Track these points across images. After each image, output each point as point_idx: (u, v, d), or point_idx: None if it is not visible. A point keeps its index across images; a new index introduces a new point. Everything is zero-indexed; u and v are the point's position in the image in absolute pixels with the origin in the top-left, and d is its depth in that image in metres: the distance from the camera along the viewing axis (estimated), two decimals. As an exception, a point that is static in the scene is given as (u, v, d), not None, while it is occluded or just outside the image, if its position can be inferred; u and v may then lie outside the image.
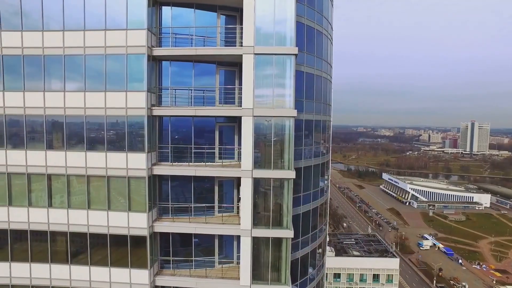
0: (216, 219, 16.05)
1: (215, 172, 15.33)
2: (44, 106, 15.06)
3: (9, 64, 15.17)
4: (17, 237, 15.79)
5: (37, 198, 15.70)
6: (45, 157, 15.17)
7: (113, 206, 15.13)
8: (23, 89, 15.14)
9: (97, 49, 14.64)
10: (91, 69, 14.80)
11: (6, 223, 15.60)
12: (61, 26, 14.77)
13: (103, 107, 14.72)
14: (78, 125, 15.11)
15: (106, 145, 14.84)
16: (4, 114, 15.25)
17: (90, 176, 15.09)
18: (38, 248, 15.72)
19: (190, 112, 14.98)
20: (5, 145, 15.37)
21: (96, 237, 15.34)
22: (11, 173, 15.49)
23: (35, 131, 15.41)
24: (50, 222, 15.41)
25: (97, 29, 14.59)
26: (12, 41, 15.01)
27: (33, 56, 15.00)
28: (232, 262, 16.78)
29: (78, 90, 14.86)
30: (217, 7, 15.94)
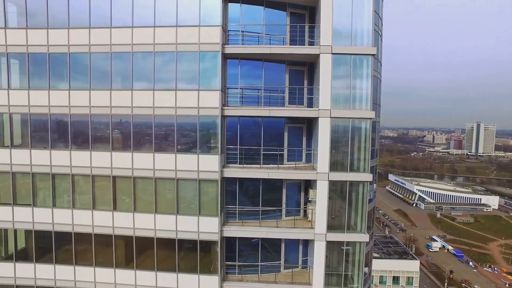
0: (285, 223, 15.91)
1: (289, 174, 15.20)
2: (111, 106, 14.81)
3: (76, 62, 14.96)
4: (79, 240, 15.54)
5: (100, 201, 15.51)
6: (110, 159, 14.99)
7: (182, 210, 14.99)
8: (89, 88, 14.81)
9: (167, 46, 14.41)
10: (161, 67, 14.63)
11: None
12: (129, 23, 14.66)
13: (173, 106, 14.49)
14: (146, 125, 14.94)
15: (176, 146, 14.72)
16: (69, 113, 14.92)
17: (158, 179, 14.93)
18: (102, 252, 15.58)
19: (264, 113, 14.82)
20: (70, 146, 15.00)
21: (163, 242, 15.15)
22: (83, 174, 15.11)
23: (101, 132, 15.21)
24: (115, 226, 15.28)
25: (167, 25, 14.46)
26: (79, 39, 14.67)
27: (99, 53, 14.80)
28: (297, 266, 16.69)
29: (147, 88, 14.73)
30: (287, 5, 15.83)
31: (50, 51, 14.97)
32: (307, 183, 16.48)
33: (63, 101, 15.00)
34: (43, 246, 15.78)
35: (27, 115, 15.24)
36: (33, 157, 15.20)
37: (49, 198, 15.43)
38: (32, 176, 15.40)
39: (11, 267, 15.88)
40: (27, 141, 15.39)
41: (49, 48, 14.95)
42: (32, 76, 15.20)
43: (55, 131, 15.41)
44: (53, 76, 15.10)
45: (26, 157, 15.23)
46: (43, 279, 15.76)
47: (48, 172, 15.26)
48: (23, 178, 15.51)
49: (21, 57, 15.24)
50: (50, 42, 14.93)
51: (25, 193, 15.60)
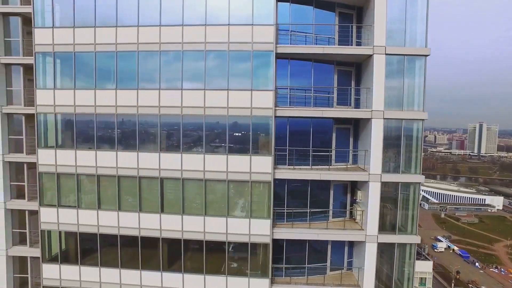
0: (332, 224, 15.97)
1: (341, 176, 15.25)
2: (159, 105, 14.81)
3: (123, 61, 14.83)
4: (126, 242, 15.45)
5: (146, 204, 15.39)
6: (158, 160, 14.91)
7: (232, 212, 15.02)
8: (136, 87, 14.69)
9: (219, 45, 14.41)
10: (212, 66, 14.61)
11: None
12: (179, 21, 14.62)
13: (225, 106, 14.49)
14: (196, 126, 14.94)
15: (228, 147, 14.73)
16: (116, 113, 14.74)
17: (208, 181, 14.94)
18: (149, 255, 15.58)
19: (317, 114, 14.84)
20: (116, 147, 14.94)
21: (212, 245, 15.11)
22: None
23: (148, 133, 15.19)
24: (162, 229, 15.11)
25: (219, 24, 14.46)
26: (126, 37, 14.51)
27: (147, 52, 14.64)
28: (342, 268, 16.76)
29: (197, 88, 14.74)
30: (335, 5, 15.85)
31: (97, 49, 15.02)
32: (353, 184, 16.67)
33: (110, 101, 14.97)
34: (86, 248, 15.86)
35: (73, 115, 15.23)
36: (83, 158, 15.22)
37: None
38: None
39: (55, 268, 15.97)
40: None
41: (96, 47, 15.02)
42: (78, 76, 15.27)
43: (105, 131, 15.31)
44: (99, 76, 15.13)
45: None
46: (88, 282, 15.83)
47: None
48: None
49: (67, 56, 15.36)
50: (97, 41, 14.96)
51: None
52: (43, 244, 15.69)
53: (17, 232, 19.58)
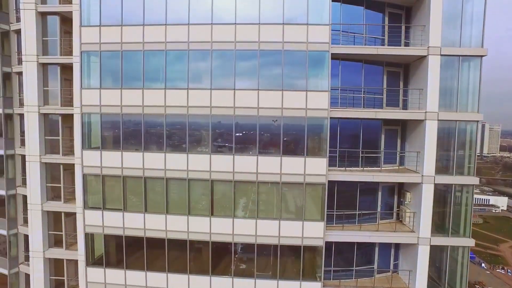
0: (381, 227, 15.93)
1: (393, 177, 15.23)
2: (210, 106, 14.62)
3: (171, 60, 14.72)
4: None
5: (195, 207, 15.26)
6: (209, 162, 14.60)
7: (284, 215, 14.92)
8: (186, 87, 14.56)
9: (273, 45, 14.29)
10: (265, 66, 14.49)
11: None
12: (231, 19, 14.48)
13: (279, 107, 14.41)
14: (248, 127, 14.83)
15: (282, 148, 14.63)
16: (165, 113, 14.52)
17: (260, 183, 14.82)
18: (197, 259, 15.40)
19: (370, 115, 14.75)
20: (165, 149, 14.70)
21: (264, 248, 14.89)
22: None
23: (198, 134, 15.07)
24: (212, 232, 15.02)
25: (273, 23, 14.31)
26: (176, 36, 14.33)
27: (197, 51, 14.49)
28: (388, 270, 16.74)
29: (250, 88, 14.61)
30: (385, 5, 15.82)
31: (145, 48, 14.90)
32: (399, 185, 16.67)
33: (158, 100, 14.76)
34: (132, 251, 15.74)
35: (120, 115, 15.07)
36: (130, 160, 15.09)
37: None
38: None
39: (100, 272, 15.85)
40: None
41: (144, 45, 14.90)
42: (125, 75, 15.08)
43: (151, 132, 15.12)
44: (147, 75, 14.91)
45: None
46: (134, 286, 15.59)
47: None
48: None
49: (113, 55, 15.19)
50: (146, 39, 14.79)
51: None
52: (87, 247, 15.56)
53: (52, 234, 19.70)
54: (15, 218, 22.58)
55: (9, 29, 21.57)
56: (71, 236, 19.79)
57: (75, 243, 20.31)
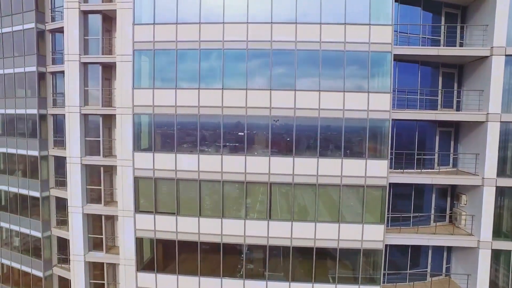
0: (437, 229, 15.40)
1: (452, 180, 14.79)
2: (270, 107, 14.10)
3: (229, 60, 14.12)
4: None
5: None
6: (268, 164, 14.09)
7: (344, 217, 14.37)
8: (245, 87, 13.92)
9: (334, 45, 13.76)
10: (326, 66, 13.92)
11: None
12: (292, 18, 13.86)
13: (341, 109, 13.87)
14: (308, 128, 14.18)
15: (343, 151, 14.07)
16: (222, 114, 13.89)
17: (320, 185, 14.23)
18: (252, 264, 14.84)
19: (430, 117, 14.37)
20: (222, 151, 14.11)
21: (322, 252, 14.40)
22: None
23: (256, 136, 14.41)
24: (270, 236, 14.43)
25: (335, 23, 13.76)
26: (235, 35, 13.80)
27: (256, 50, 13.89)
28: (441, 274, 16.27)
29: (311, 89, 13.97)
30: (442, 5, 15.31)
31: (202, 47, 14.19)
32: (452, 188, 16.18)
33: (215, 101, 14.17)
34: (183, 256, 15.09)
35: (174, 116, 14.30)
36: (184, 162, 14.36)
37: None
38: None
39: (150, 277, 15.14)
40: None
41: (200, 44, 14.17)
42: (179, 75, 14.36)
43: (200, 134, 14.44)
44: (203, 74, 14.23)
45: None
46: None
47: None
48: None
49: (167, 54, 14.50)
50: (202, 38, 14.09)
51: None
52: (138, 252, 14.89)
53: (91, 237, 18.91)
54: (49, 220, 21.92)
55: (45, 29, 20.87)
56: (109, 239, 19.22)
57: (114, 247, 19.81)
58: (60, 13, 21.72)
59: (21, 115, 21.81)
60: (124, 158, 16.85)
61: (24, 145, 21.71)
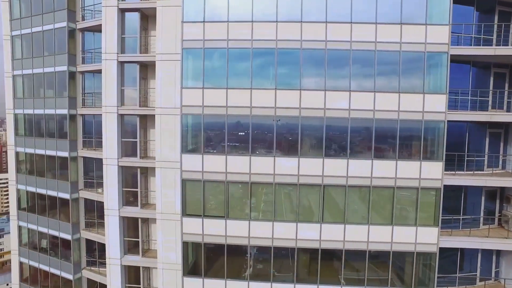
0: (486, 232, 14.94)
1: (504, 182, 14.33)
2: (324, 108, 13.56)
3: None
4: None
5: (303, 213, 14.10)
6: (322, 167, 13.50)
7: (397, 220, 13.88)
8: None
9: (390, 45, 13.30)
10: (382, 67, 13.46)
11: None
12: (347, 17, 13.37)
13: (396, 110, 13.40)
14: (361, 130, 13.73)
15: (397, 153, 13.58)
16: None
17: (375, 188, 13.69)
18: (306, 266, 14.38)
19: (484, 118, 13.96)
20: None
21: (373, 256, 13.96)
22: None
23: (309, 137, 13.90)
24: (322, 239, 13.90)
25: (390, 22, 13.28)
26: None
27: (313, 50, 13.42)
28: (490, 278, 15.83)
29: (366, 90, 13.42)
30: (496, 3, 14.87)
31: (254, 46, 13.50)
32: (502, 190, 15.73)
33: (267, 101, 13.57)
34: (232, 260, 14.56)
35: (224, 116, 13.71)
36: (234, 164, 13.85)
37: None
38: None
39: (198, 283, 14.57)
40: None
41: (253, 43, 13.51)
42: (230, 74, 13.78)
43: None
44: (255, 74, 13.64)
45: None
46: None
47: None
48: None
49: (217, 52, 13.94)
50: (254, 37, 13.40)
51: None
52: (184, 256, 14.32)
53: (126, 241, 18.25)
54: (78, 222, 21.26)
55: (75, 27, 20.23)
56: (144, 242, 18.59)
57: (148, 250, 18.87)
58: (90, 11, 21.15)
59: (50, 115, 21.24)
60: (164, 160, 16.43)
61: (52, 146, 20.93)
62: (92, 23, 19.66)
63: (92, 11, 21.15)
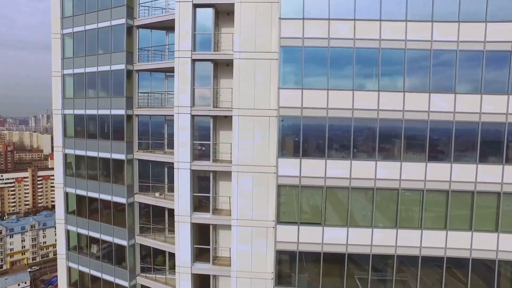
0: None
1: None
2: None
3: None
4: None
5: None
6: (424, 170, 12.34)
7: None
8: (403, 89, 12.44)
9: (500, 45, 12.29)
10: (490, 67, 12.40)
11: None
12: (454, 16, 12.19)
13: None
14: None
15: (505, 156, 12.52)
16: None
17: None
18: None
19: None
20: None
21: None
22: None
23: (410, 140, 12.86)
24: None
25: (502, 20, 12.22)
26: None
27: (417, 50, 12.35)
28: None
29: (473, 92, 12.37)
30: None
31: (357, 45, 12.46)
32: None
33: (370, 104, 12.42)
34: (328, 269, 13.46)
35: (325, 119, 12.67)
36: (335, 168, 12.66)
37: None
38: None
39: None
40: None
41: (356, 42, 12.35)
42: (331, 74, 12.70)
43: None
44: (357, 74, 12.57)
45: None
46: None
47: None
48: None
49: (316, 51, 12.78)
50: (357, 36, 12.30)
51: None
52: (277, 265, 13.01)
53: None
54: (133, 228, 19.88)
55: (133, 24, 18.84)
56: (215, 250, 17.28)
57: (216, 257, 17.21)
58: (146, 8, 19.85)
59: (104, 116, 19.67)
60: (241, 163, 15.31)
61: (106, 148, 19.17)
62: (152, 19, 18.32)
63: (149, 8, 19.93)
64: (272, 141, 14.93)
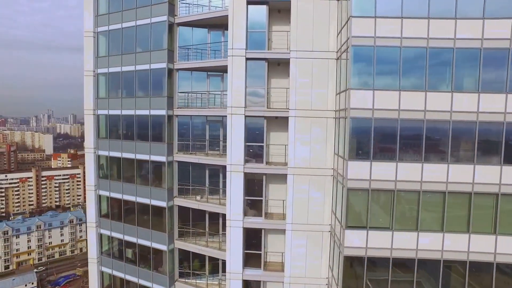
0: None
1: None
2: (505, 112, 11.99)
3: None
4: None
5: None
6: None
7: None
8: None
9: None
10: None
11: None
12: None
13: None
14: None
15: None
16: (451, 120, 11.76)
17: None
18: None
19: None
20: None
21: None
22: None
23: (484, 143, 12.36)
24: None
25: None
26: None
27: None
28: None
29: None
30: None
31: (430, 45, 11.70)
32: None
33: (442, 105, 11.79)
34: (398, 276, 12.89)
35: (396, 121, 11.71)
36: (405, 171, 11.99)
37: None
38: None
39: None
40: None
41: (429, 41, 11.65)
42: (403, 74, 12.09)
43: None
44: (430, 75, 11.95)
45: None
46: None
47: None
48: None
49: (387, 51, 12.09)
50: (430, 35, 11.62)
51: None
52: (345, 273, 12.36)
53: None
54: (172, 232, 18.99)
55: (174, 22, 17.95)
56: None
57: (267, 263, 16.27)
58: (186, 5, 18.98)
59: (142, 117, 18.65)
60: (297, 166, 14.59)
61: (144, 149, 18.13)
62: (194, 17, 17.38)
63: (189, 5, 19.09)
64: (330, 143, 14.45)
